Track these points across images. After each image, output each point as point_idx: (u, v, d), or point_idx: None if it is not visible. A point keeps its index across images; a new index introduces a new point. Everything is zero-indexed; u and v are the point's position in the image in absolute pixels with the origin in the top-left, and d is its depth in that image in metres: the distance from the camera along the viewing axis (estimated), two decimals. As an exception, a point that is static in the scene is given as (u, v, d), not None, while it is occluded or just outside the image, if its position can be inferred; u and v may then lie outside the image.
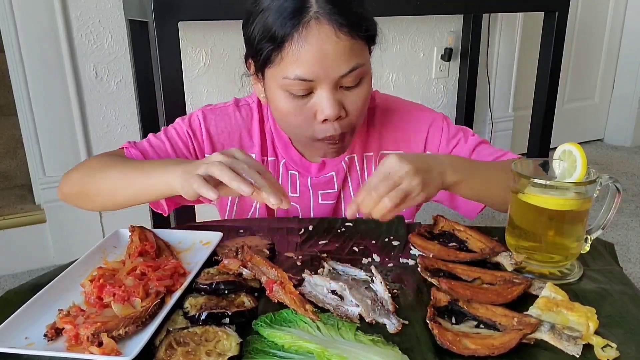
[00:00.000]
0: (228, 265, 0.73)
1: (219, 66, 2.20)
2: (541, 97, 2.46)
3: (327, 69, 0.80)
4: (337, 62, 0.80)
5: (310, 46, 0.79)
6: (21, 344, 0.60)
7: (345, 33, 0.79)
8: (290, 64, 0.81)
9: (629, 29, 3.44)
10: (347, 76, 0.82)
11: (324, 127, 0.86)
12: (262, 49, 0.82)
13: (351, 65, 0.82)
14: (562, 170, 0.74)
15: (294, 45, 0.79)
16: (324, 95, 0.82)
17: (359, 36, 0.82)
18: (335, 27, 0.79)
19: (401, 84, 2.69)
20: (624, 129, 3.57)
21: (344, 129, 0.87)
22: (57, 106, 2.01)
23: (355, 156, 1.02)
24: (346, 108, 0.85)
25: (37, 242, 2.13)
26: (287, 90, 0.83)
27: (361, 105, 0.87)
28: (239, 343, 0.58)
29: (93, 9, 1.97)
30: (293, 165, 1.02)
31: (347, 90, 0.85)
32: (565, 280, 0.73)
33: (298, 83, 0.81)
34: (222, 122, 1.01)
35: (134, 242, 0.80)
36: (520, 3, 2.35)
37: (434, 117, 1.02)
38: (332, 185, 1.02)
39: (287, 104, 0.85)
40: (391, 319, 0.64)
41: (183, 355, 0.57)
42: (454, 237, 0.84)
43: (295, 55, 0.80)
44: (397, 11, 2.05)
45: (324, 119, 0.85)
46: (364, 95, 0.87)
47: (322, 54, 0.79)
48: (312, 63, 0.80)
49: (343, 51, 0.80)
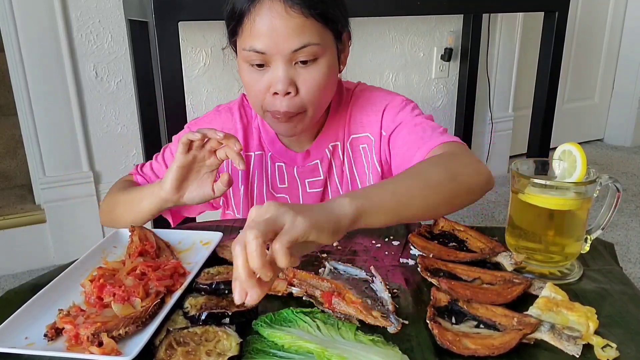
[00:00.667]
0: (275, 287, 0.70)
1: (219, 66, 2.20)
2: (541, 97, 2.46)
3: (278, 43, 0.85)
4: (287, 37, 0.85)
5: (261, 20, 0.85)
6: (21, 344, 0.60)
7: (295, 10, 0.84)
8: (247, 36, 0.87)
9: (629, 29, 3.43)
10: (298, 52, 0.86)
11: (274, 100, 0.90)
12: (229, 25, 0.92)
13: (303, 42, 0.85)
14: (562, 170, 0.74)
15: (249, 19, 0.86)
16: (277, 69, 0.87)
17: (311, 15, 0.85)
18: (286, 4, 0.84)
19: (401, 84, 2.69)
20: (624, 129, 3.57)
21: (291, 108, 0.89)
22: (57, 106, 2.01)
23: (338, 144, 1.04)
24: (298, 86, 0.89)
25: (37, 242, 2.12)
26: (246, 61, 0.89)
27: (314, 85, 0.89)
28: (238, 343, 0.58)
29: (93, 9, 1.97)
30: (279, 157, 1.05)
31: (301, 68, 0.88)
32: (565, 280, 0.73)
33: (254, 54, 0.87)
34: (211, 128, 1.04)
35: (134, 242, 0.80)
36: (520, 3, 2.35)
37: (395, 98, 1.03)
38: (317, 173, 1.05)
39: (248, 74, 0.91)
40: (391, 318, 0.64)
41: (183, 355, 0.57)
42: (454, 237, 0.85)
43: (249, 29, 0.86)
44: (397, 11, 2.05)
45: (275, 92, 0.88)
46: (319, 76, 0.89)
47: (272, 29, 0.85)
48: (263, 36, 0.85)
49: (294, 27, 0.85)
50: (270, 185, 1.06)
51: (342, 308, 0.65)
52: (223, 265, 0.76)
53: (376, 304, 0.67)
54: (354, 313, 0.64)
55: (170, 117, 1.61)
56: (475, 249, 0.80)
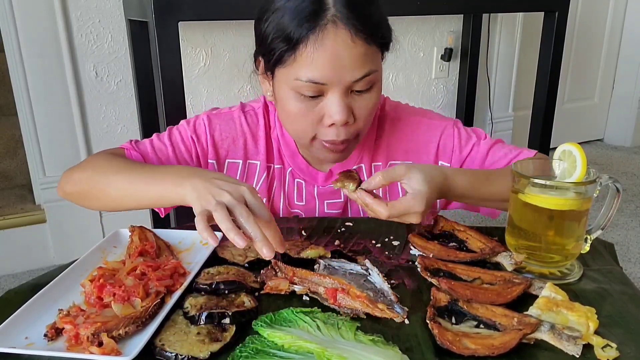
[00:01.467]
0: (277, 286, 0.70)
1: (219, 66, 2.20)
2: (541, 97, 2.46)
3: (341, 74, 0.80)
4: (351, 67, 0.80)
5: (325, 50, 0.78)
6: (21, 344, 0.60)
7: (361, 38, 0.79)
8: (303, 66, 0.80)
9: (629, 29, 3.44)
10: (359, 82, 0.81)
11: (329, 130, 0.85)
12: (275, 48, 0.81)
13: (365, 71, 0.81)
14: (562, 170, 0.74)
15: (309, 47, 0.78)
16: (335, 99, 0.82)
17: (374, 42, 0.81)
18: (352, 32, 0.78)
19: (401, 84, 2.69)
20: (624, 129, 3.57)
21: (348, 136, 0.86)
22: (57, 106, 2.01)
23: (363, 166, 1.00)
24: (354, 113, 0.85)
25: (37, 242, 2.13)
26: (297, 91, 0.83)
27: (370, 111, 0.86)
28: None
29: (93, 9, 1.97)
30: (299, 173, 1.00)
31: (357, 95, 0.84)
32: (565, 280, 0.73)
33: (310, 86, 0.81)
34: (227, 128, 0.99)
35: (134, 242, 0.80)
36: (520, 3, 2.35)
37: (445, 125, 1.00)
38: (338, 195, 1.01)
39: (296, 104, 0.84)
40: (396, 308, 0.65)
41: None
42: (454, 237, 0.84)
43: (309, 58, 0.79)
44: (397, 11, 2.05)
45: (331, 123, 0.84)
46: (374, 101, 0.86)
47: (336, 59, 0.78)
48: (326, 67, 0.79)
49: (358, 56, 0.79)
50: (287, 201, 1.02)
51: (347, 303, 0.65)
52: (223, 265, 0.76)
53: (378, 296, 0.67)
54: (360, 307, 0.65)
55: (170, 117, 1.61)
56: (475, 249, 0.80)
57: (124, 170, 0.85)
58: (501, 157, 0.96)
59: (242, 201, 0.68)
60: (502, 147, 0.98)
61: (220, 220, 0.65)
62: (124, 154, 0.94)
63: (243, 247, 0.64)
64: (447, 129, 0.99)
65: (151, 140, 0.98)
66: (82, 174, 0.90)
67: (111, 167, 0.87)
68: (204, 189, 0.71)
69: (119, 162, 0.88)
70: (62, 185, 0.93)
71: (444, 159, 0.99)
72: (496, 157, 0.97)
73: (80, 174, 0.91)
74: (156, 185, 0.80)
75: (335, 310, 0.66)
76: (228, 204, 0.67)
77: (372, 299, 0.66)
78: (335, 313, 0.65)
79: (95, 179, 0.88)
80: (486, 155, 0.97)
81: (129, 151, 0.95)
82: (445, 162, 0.99)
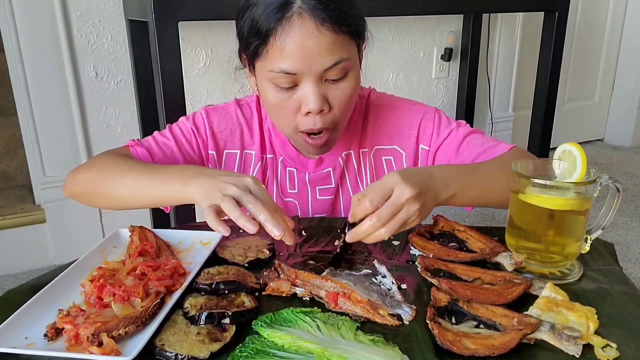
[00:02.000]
0: (279, 288, 0.70)
1: (219, 66, 2.20)
2: (541, 97, 2.46)
3: (310, 63, 0.82)
4: (319, 56, 0.82)
5: (292, 40, 0.81)
6: (21, 344, 0.60)
7: (327, 28, 0.81)
8: (275, 57, 0.83)
9: (629, 29, 3.43)
10: (330, 70, 0.84)
11: (306, 119, 0.88)
12: (250, 43, 0.85)
13: (334, 59, 0.83)
14: (562, 170, 0.74)
15: (278, 39, 0.81)
16: (309, 88, 0.84)
17: (342, 31, 0.83)
18: (317, 22, 0.81)
19: (401, 84, 2.69)
20: (624, 129, 3.57)
21: (325, 124, 0.88)
22: (57, 106, 2.01)
23: (352, 152, 1.03)
24: (330, 102, 0.87)
25: (37, 242, 2.12)
26: (273, 82, 0.86)
27: (346, 100, 0.88)
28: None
29: (93, 9, 1.97)
30: (290, 162, 1.03)
31: (332, 83, 0.86)
32: (565, 280, 0.73)
33: (283, 76, 0.84)
34: (225, 120, 1.03)
35: (134, 242, 0.80)
36: (520, 3, 2.35)
37: (426, 110, 1.03)
38: (329, 181, 1.04)
39: (274, 95, 0.87)
40: (404, 307, 0.65)
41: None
42: (454, 237, 0.84)
43: (279, 49, 0.82)
44: (397, 11, 2.05)
45: (307, 112, 0.86)
46: (350, 89, 0.88)
47: (304, 48, 0.81)
48: (295, 57, 0.82)
49: (326, 46, 0.82)
50: (280, 190, 1.05)
51: (348, 308, 0.66)
52: (223, 265, 0.76)
53: (385, 297, 0.67)
54: (361, 312, 0.65)
55: (170, 117, 1.61)
56: (476, 249, 0.80)
57: (129, 171, 0.87)
58: (476, 145, 0.97)
59: (247, 191, 0.72)
60: (480, 137, 0.99)
61: (229, 210, 0.69)
62: (129, 151, 0.96)
63: (254, 233, 0.68)
64: (428, 114, 1.03)
65: (153, 137, 1.01)
66: (87, 174, 0.92)
67: (116, 167, 0.89)
68: (211, 186, 0.74)
69: (125, 162, 0.90)
70: (68, 185, 0.94)
71: (424, 142, 1.02)
72: (471, 145, 0.97)
73: (85, 174, 0.92)
74: (162, 185, 0.82)
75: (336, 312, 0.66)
76: (235, 195, 0.71)
77: (373, 303, 0.65)
78: (335, 313, 0.65)
79: (100, 179, 0.89)
80: (462, 141, 0.98)
81: (133, 147, 0.96)
82: (425, 146, 1.02)
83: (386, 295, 0.68)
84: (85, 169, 0.93)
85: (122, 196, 0.87)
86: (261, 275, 0.73)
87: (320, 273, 0.73)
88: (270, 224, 0.69)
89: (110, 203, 0.91)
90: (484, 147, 0.96)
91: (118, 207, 0.93)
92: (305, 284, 0.70)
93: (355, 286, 0.68)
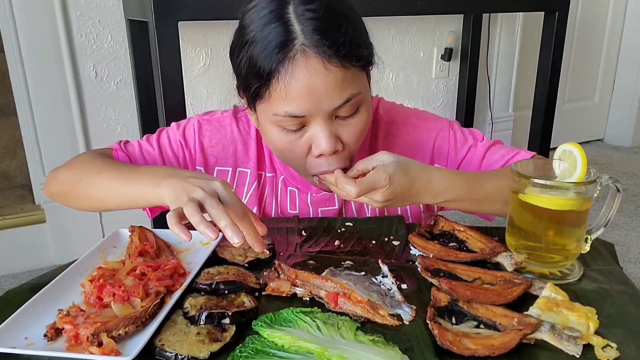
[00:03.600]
0: (279, 288, 0.70)
1: (219, 66, 2.20)
2: (541, 97, 2.46)
3: (319, 104, 0.76)
4: (328, 95, 0.75)
5: (297, 82, 0.74)
6: (21, 344, 0.60)
7: (335, 64, 0.74)
8: (279, 100, 0.76)
9: (629, 29, 3.43)
10: (341, 108, 0.77)
11: (319, 161, 0.82)
12: (251, 84, 0.78)
13: (345, 97, 0.77)
14: (562, 170, 0.74)
15: (281, 81, 0.74)
16: (319, 129, 0.78)
17: (352, 65, 0.76)
18: (323, 59, 0.73)
19: (401, 84, 2.69)
20: (624, 129, 3.57)
21: (339, 164, 0.82)
22: (57, 106, 2.01)
23: None
24: (343, 140, 0.81)
25: (37, 242, 2.12)
26: (279, 125, 0.80)
27: (359, 135, 0.83)
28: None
29: (93, 9, 1.97)
30: (292, 181, 0.99)
31: (343, 120, 0.80)
32: (565, 280, 0.73)
33: (289, 119, 0.77)
34: (218, 135, 0.97)
35: (134, 242, 0.80)
36: (520, 3, 2.35)
37: (440, 128, 0.97)
38: (332, 203, 0.99)
39: (281, 138, 0.81)
40: (404, 307, 0.65)
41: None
42: (454, 237, 0.84)
43: (283, 92, 0.75)
44: (397, 11, 2.05)
45: (320, 154, 0.81)
46: (362, 124, 0.82)
47: (311, 89, 0.74)
48: (301, 99, 0.75)
49: (334, 83, 0.75)
50: (280, 210, 1.00)
51: (348, 308, 0.65)
52: (223, 265, 0.76)
53: (385, 297, 0.67)
54: (361, 313, 0.65)
55: (170, 117, 1.61)
56: (476, 249, 0.80)
57: (104, 170, 0.84)
58: (498, 160, 0.94)
59: (214, 195, 0.68)
60: (500, 149, 0.95)
61: (190, 215, 0.64)
62: (111, 154, 0.93)
63: (214, 239, 0.64)
64: (443, 132, 0.97)
65: (139, 143, 0.97)
66: (66, 173, 0.89)
67: (94, 166, 0.86)
68: (180, 188, 0.71)
69: (103, 161, 0.87)
70: (48, 184, 0.92)
71: (440, 162, 0.97)
72: (492, 160, 0.94)
73: (65, 172, 0.90)
74: (134, 185, 0.79)
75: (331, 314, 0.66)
76: (200, 199, 0.67)
77: (373, 304, 0.65)
78: (335, 313, 0.65)
79: (78, 178, 0.86)
80: (482, 157, 0.95)
81: (116, 152, 0.94)
82: (442, 165, 0.97)
83: (386, 295, 0.68)
84: (67, 168, 0.90)
85: (96, 196, 0.85)
86: (261, 276, 0.73)
87: (321, 273, 0.73)
88: (230, 231, 0.63)
89: (86, 203, 0.89)
90: (506, 159, 0.93)
91: (93, 207, 0.90)
92: (305, 284, 0.70)
93: (355, 286, 0.68)
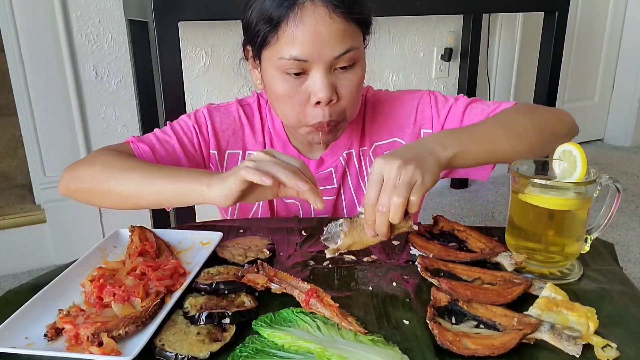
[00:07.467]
0: (254, 279, 0.70)
1: (219, 66, 2.20)
2: (541, 97, 2.46)
3: (321, 50, 0.82)
4: (330, 43, 0.82)
5: (304, 27, 0.81)
6: (21, 344, 0.60)
7: (339, 14, 0.81)
8: (285, 44, 0.83)
9: (629, 29, 3.43)
10: (340, 58, 0.84)
11: (316, 111, 0.87)
12: (259, 31, 0.85)
13: (345, 47, 0.83)
14: (562, 170, 0.74)
15: (289, 25, 0.81)
16: (318, 76, 0.84)
17: (352, 19, 0.83)
18: (329, 9, 0.81)
19: (401, 84, 2.69)
20: (624, 129, 3.57)
21: (333, 116, 0.87)
22: (57, 106, 2.01)
23: (353, 151, 1.03)
24: (338, 92, 0.87)
25: (37, 242, 2.13)
26: (282, 70, 0.85)
27: (354, 89, 0.88)
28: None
29: (93, 9, 1.98)
30: None
31: (340, 73, 0.86)
32: (565, 280, 0.73)
33: (293, 63, 0.83)
34: (227, 120, 1.02)
35: (134, 242, 0.80)
36: (520, 3, 2.35)
37: (421, 95, 1.02)
38: (331, 181, 1.03)
39: (283, 85, 0.87)
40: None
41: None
42: (454, 237, 0.84)
43: (290, 36, 0.82)
44: (397, 11, 2.05)
45: (317, 102, 0.86)
46: (357, 80, 0.88)
47: (316, 35, 0.81)
48: (306, 43, 0.82)
49: (337, 32, 0.82)
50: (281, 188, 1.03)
51: (318, 309, 0.65)
52: (223, 265, 0.76)
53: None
54: (330, 315, 0.64)
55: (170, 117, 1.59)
56: (476, 249, 0.80)
57: (138, 168, 0.84)
58: (477, 114, 0.96)
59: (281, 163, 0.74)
60: (481, 104, 0.98)
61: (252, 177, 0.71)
62: (129, 147, 0.93)
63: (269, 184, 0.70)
64: (424, 98, 1.02)
65: (154, 134, 0.97)
66: (89, 170, 0.88)
67: (122, 164, 0.86)
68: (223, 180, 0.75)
69: (131, 159, 0.88)
70: (66, 182, 0.90)
71: (425, 126, 1.01)
72: (472, 114, 0.97)
73: (87, 169, 0.88)
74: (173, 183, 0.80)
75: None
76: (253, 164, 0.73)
77: (343, 312, 0.64)
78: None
79: (104, 176, 0.85)
80: (463, 112, 0.97)
81: (135, 144, 0.93)
82: (427, 129, 1.01)
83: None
84: (86, 165, 0.89)
85: (127, 193, 0.83)
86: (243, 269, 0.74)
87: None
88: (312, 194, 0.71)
89: (111, 201, 0.87)
90: (486, 112, 0.95)
91: (122, 205, 0.88)
92: (282, 282, 0.71)
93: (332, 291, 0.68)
